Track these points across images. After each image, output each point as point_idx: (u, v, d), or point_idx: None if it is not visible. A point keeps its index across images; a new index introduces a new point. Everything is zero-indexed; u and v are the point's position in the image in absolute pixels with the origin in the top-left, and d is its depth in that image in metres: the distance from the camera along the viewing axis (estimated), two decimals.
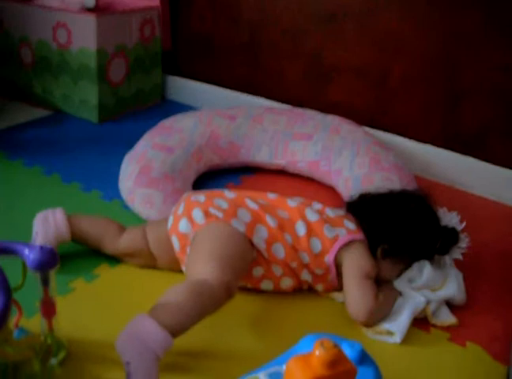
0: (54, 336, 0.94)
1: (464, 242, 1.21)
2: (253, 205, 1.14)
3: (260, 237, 1.11)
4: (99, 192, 1.50)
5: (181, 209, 1.14)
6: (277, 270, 1.13)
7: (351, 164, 1.51)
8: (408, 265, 1.17)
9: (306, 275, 1.15)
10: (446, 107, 1.66)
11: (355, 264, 1.12)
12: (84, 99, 1.94)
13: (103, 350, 0.99)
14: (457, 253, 1.20)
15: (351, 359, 0.76)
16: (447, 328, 1.12)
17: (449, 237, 1.19)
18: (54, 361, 0.93)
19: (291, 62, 1.88)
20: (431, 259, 1.18)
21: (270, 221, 1.12)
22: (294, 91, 1.91)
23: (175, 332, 0.91)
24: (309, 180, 1.62)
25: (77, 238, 1.21)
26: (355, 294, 1.09)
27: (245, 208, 1.13)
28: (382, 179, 1.43)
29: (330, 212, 1.18)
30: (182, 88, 2.16)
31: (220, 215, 1.10)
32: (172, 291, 0.97)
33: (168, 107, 2.10)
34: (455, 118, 1.65)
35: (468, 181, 1.67)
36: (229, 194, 1.17)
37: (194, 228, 1.10)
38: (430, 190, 1.24)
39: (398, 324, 1.08)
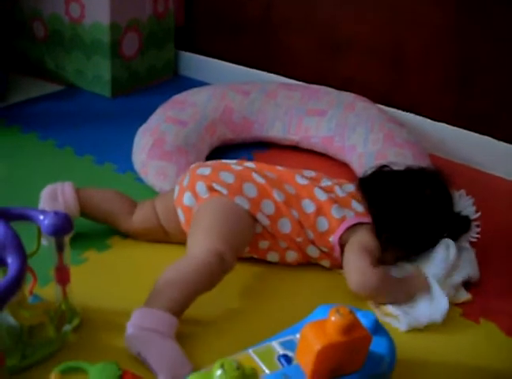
0: (68, 303, 0.94)
1: (474, 232, 1.19)
2: (260, 179, 1.13)
3: (265, 213, 1.10)
4: (112, 165, 1.50)
5: (186, 181, 1.14)
6: (283, 244, 1.13)
7: (365, 140, 1.50)
8: (411, 252, 1.16)
9: (311, 250, 1.14)
10: (461, 84, 1.63)
11: (358, 241, 1.10)
12: (97, 74, 1.93)
13: (115, 318, 0.99)
14: (464, 241, 1.19)
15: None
16: (461, 305, 1.11)
17: (461, 225, 1.18)
18: (68, 327, 0.94)
19: (305, 37, 1.86)
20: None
21: (277, 196, 1.11)
22: (307, 67, 1.88)
23: (175, 310, 0.93)
24: (323, 156, 1.61)
25: (85, 212, 1.19)
26: (353, 263, 1.07)
27: (251, 182, 1.12)
28: (395, 155, 1.42)
29: (339, 191, 1.16)
30: (195, 63, 2.14)
31: (225, 191, 1.09)
32: (163, 274, 0.98)
33: (181, 83, 2.08)
34: (470, 96, 1.63)
35: (482, 160, 1.65)
36: (236, 166, 1.16)
37: (198, 201, 1.10)
38: (445, 169, 1.21)
39: (409, 315, 1.05)
